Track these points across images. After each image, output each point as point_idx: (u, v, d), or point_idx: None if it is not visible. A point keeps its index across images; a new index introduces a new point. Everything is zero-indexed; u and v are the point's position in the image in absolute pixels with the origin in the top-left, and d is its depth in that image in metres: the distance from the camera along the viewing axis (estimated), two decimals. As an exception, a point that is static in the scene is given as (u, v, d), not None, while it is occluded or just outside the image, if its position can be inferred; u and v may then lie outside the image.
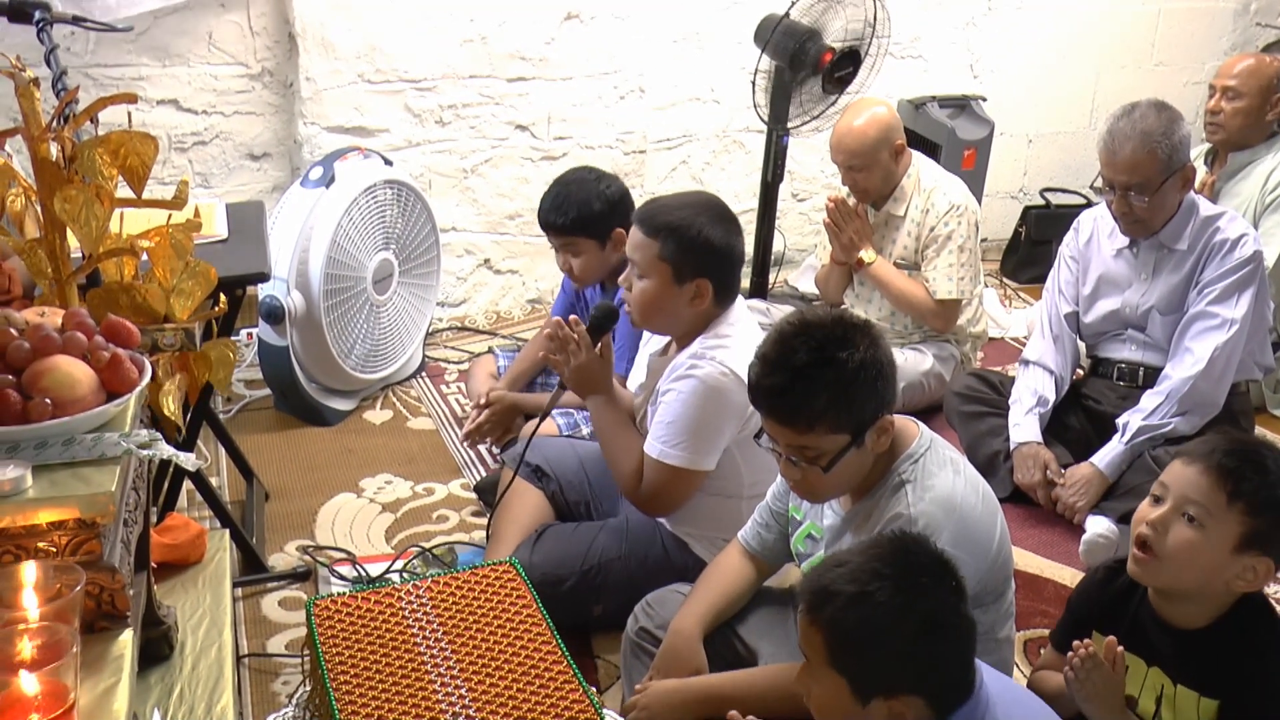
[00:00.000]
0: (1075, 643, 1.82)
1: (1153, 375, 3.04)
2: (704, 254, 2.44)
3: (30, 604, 1.41)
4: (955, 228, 3.47)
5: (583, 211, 3.02)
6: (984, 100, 4.63)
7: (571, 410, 3.02)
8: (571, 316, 2.58)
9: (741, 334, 2.48)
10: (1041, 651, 2.13)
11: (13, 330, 1.56)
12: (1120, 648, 1.81)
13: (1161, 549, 1.76)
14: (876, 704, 1.54)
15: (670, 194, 2.67)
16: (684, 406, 2.41)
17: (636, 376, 2.71)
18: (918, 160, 3.59)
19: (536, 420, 2.70)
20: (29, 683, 1.33)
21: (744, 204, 4.63)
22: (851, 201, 3.60)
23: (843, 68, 3.71)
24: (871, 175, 3.51)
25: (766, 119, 3.86)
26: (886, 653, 1.53)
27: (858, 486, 1.99)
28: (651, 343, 2.69)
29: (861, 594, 1.53)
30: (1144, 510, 1.81)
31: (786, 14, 3.71)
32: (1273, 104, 3.57)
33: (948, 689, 1.56)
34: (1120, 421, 3.01)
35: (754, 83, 3.80)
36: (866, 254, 3.56)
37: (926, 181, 3.54)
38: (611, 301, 2.67)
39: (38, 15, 2.46)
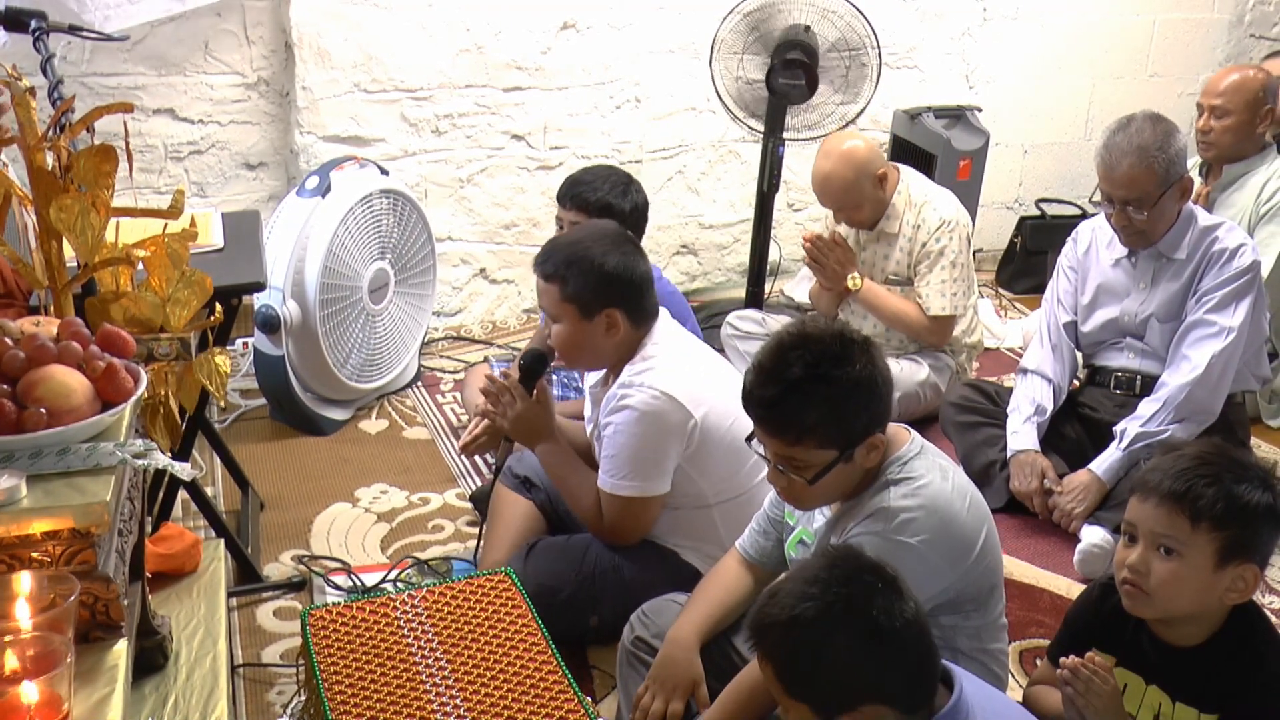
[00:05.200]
0: (1063, 659, 1.82)
1: (1150, 383, 3.04)
2: (604, 285, 2.44)
3: (24, 614, 1.41)
4: (947, 243, 3.47)
5: (611, 198, 3.09)
6: (979, 111, 4.64)
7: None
8: (504, 369, 2.57)
9: (665, 352, 2.49)
10: (1038, 663, 2.12)
11: (8, 339, 1.56)
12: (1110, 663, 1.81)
13: (1148, 586, 1.76)
14: None
15: (564, 231, 2.66)
16: (624, 438, 2.42)
17: (586, 412, 2.72)
18: (905, 175, 3.58)
19: (492, 476, 2.70)
20: (23, 693, 1.33)
21: (740, 214, 4.64)
22: (827, 232, 3.60)
23: (790, 76, 3.70)
24: (861, 210, 3.52)
25: (735, 113, 3.87)
26: (830, 669, 1.51)
27: (845, 494, 2.00)
28: (589, 377, 2.69)
29: (791, 619, 1.52)
30: (1121, 553, 1.81)
31: (808, 27, 3.72)
32: (1262, 116, 3.57)
33: (909, 690, 1.54)
34: (1118, 429, 3.02)
35: (714, 82, 3.82)
36: (853, 281, 3.55)
37: (917, 196, 3.54)
38: (540, 347, 2.67)
39: (34, 24, 2.45)
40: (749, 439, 2.02)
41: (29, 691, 1.33)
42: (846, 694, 1.52)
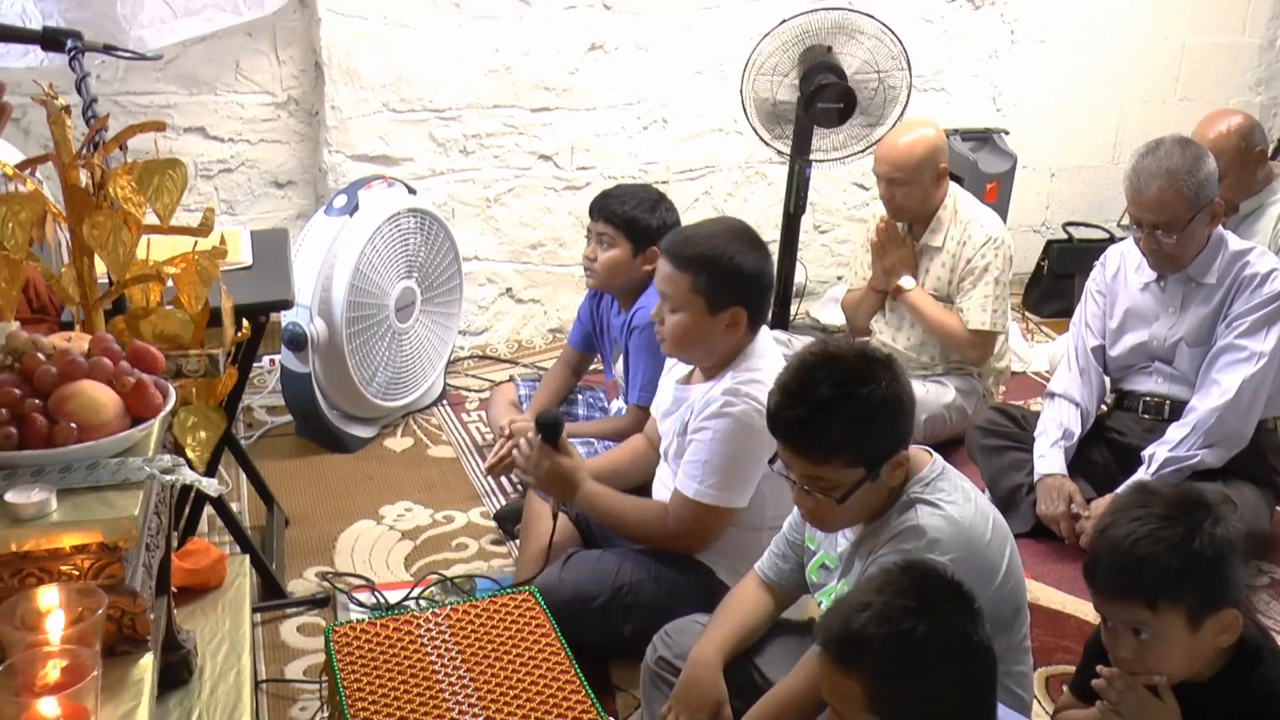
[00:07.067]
0: (1100, 668, 1.80)
1: (1179, 408, 3.02)
2: (737, 283, 2.44)
3: (53, 627, 1.42)
4: (992, 260, 3.47)
5: (638, 213, 3.09)
6: (1007, 133, 4.63)
7: (592, 440, 3.02)
8: (518, 423, 2.55)
9: (770, 365, 2.47)
10: (1064, 689, 2.11)
11: (40, 355, 1.57)
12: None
13: (1145, 668, 1.75)
14: None
15: (695, 224, 2.68)
16: (719, 444, 2.41)
17: (661, 404, 2.71)
18: (954, 191, 3.59)
19: (551, 528, 2.67)
20: (50, 705, 1.34)
21: (766, 235, 4.56)
22: (901, 229, 3.61)
23: (828, 100, 3.71)
24: (912, 193, 3.50)
25: (761, 135, 3.89)
26: (930, 688, 1.51)
27: (870, 513, 1.99)
28: (675, 369, 2.69)
29: (897, 634, 1.51)
30: (1107, 637, 1.80)
31: (829, 47, 3.73)
32: (1255, 159, 3.47)
33: (982, 714, 1.54)
34: (1146, 453, 2.99)
35: (743, 106, 3.83)
36: (906, 281, 3.56)
37: (964, 213, 3.54)
38: (556, 410, 2.63)
39: (70, 44, 2.48)
40: (771, 461, 2.02)
41: (57, 704, 1.34)
42: (934, 715, 1.52)
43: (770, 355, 2.52)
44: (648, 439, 2.82)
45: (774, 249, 4.24)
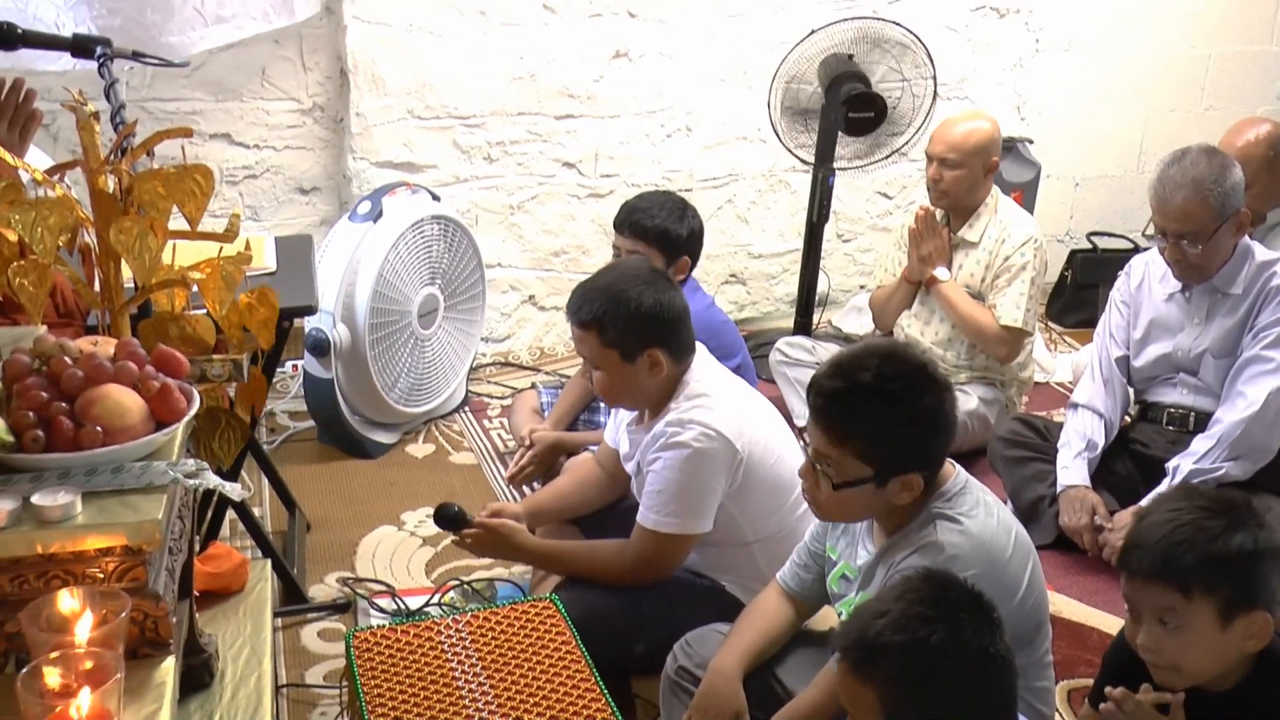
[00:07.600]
0: (1108, 690, 1.79)
1: (1203, 420, 3.00)
2: (641, 326, 2.41)
3: (77, 629, 1.43)
4: (1030, 259, 3.48)
5: (669, 224, 3.10)
6: (1030, 142, 4.62)
7: None
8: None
9: (715, 389, 2.47)
10: (1085, 701, 2.10)
11: (66, 359, 1.59)
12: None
13: (1168, 660, 1.74)
14: None
15: (589, 278, 2.64)
16: (673, 473, 2.39)
17: (621, 448, 2.68)
18: (996, 191, 3.61)
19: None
20: (74, 707, 1.34)
21: (789, 243, 4.63)
22: (939, 215, 3.61)
23: (859, 108, 3.72)
24: (961, 178, 3.50)
25: (786, 144, 3.89)
26: (946, 697, 1.50)
27: (891, 525, 1.99)
28: (624, 414, 2.66)
29: (913, 642, 1.50)
30: (1131, 629, 1.79)
31: (850, 55, 3.73)
32: None
33: None
34: (1170, 465, 2.97)
35: (770, 114, 3.84)
36: (940, 272, 3.57)
37: (1003, 212, 3.56)
38: (452, 505, 2.62)
39: (99, 50, 2.51)
40: (802, 431, 2.02)
41: (80, 706, 1.35)
42: None
43: (710, 378, 2.49)
44: (598, 463, 2.80)
45: (797, 257, 4.25)
